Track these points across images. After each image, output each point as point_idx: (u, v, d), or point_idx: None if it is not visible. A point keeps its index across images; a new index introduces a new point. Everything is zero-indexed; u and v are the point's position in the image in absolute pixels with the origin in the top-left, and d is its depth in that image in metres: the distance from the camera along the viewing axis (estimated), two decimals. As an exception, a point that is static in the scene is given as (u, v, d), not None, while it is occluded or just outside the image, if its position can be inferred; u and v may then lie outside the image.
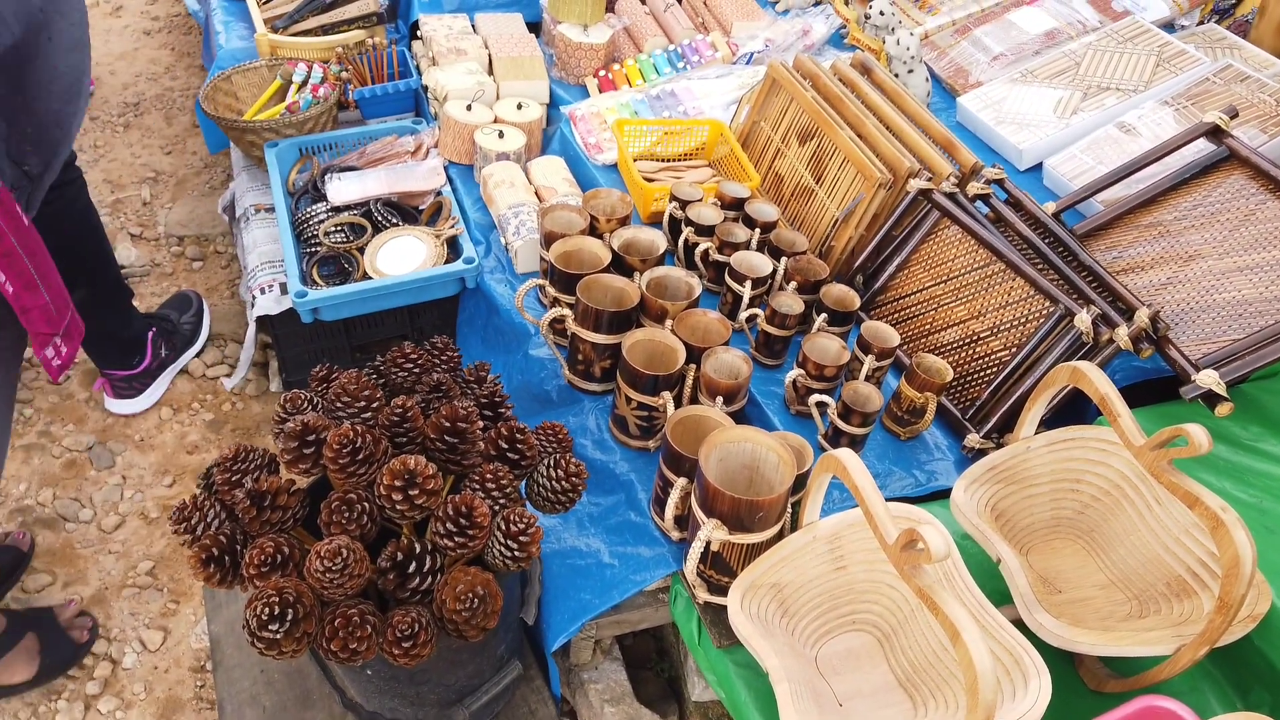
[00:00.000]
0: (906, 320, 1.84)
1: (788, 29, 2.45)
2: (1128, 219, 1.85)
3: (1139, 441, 1.24)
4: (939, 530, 1.04)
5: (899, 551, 1.10)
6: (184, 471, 2.09)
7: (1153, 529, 1.36)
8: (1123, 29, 2.24)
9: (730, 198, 1.96)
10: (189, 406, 2.22)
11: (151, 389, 2.20)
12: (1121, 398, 1.27)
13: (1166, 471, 1.21)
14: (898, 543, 1.10)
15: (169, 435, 2.16)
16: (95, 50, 3.43)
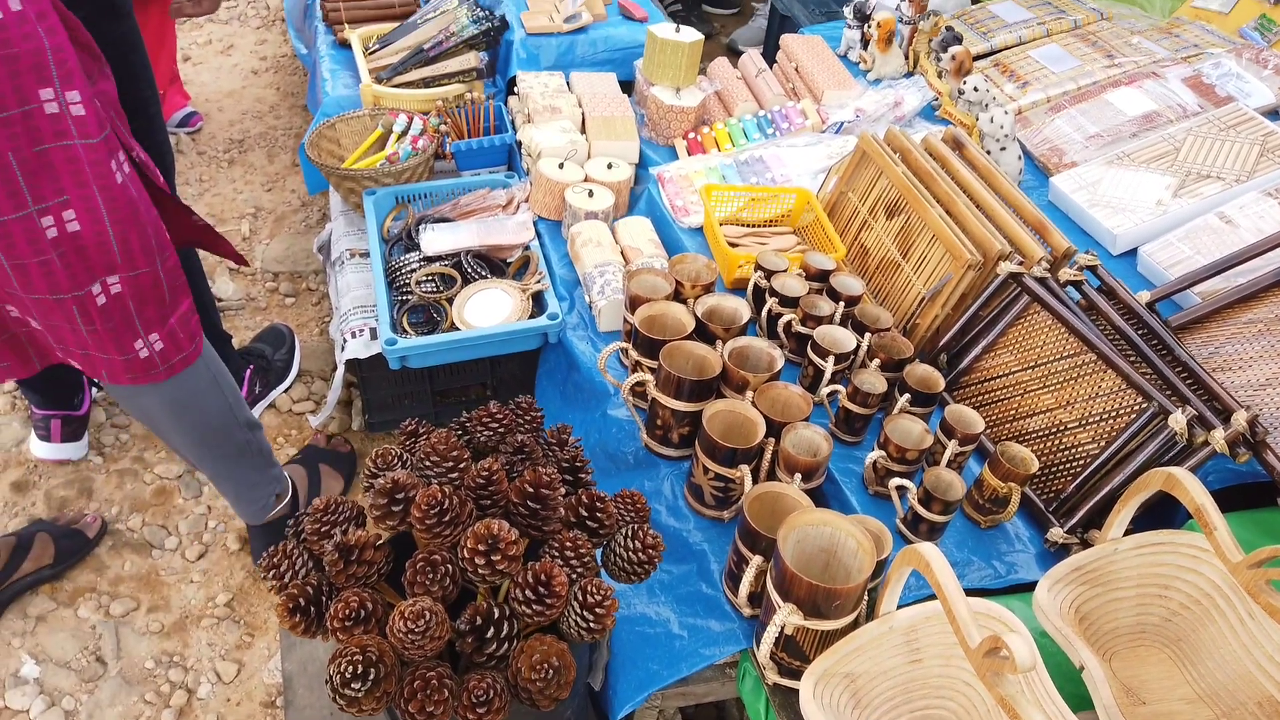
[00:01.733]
0: (991, 404, 1.82)
1: (879, 100, 2.46)
2: (1226, 313, 1.81)
3: (1236, 558, 1.20)
4: (1026, 641, 1.03)
5: (981, 657, 1.08)
6: (266, 505, 2.15)
7: (1245, 645, 1.31)
8: (1225, 115, 2.20)
9: (815, 269, 1.96)
10: (274, 441, 2.29)
11: (241, 423, 2.28)
12: (1218, 509, 1.24)
13: (1264, 591, 1.18)
14: (981, 648, 1.08)
15: (254, 468, 2.23)
16: (205, 86, 3.61)
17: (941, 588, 1.16)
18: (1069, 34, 2.68)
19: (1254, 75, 2.36)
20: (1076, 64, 2.54)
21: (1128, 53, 2.55)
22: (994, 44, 2.70)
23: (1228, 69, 2.40)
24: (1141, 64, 2.49)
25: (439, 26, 2.72)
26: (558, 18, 2.84)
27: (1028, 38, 2.69)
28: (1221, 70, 2.40)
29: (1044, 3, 2.84)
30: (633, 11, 2.94)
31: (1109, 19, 2.76)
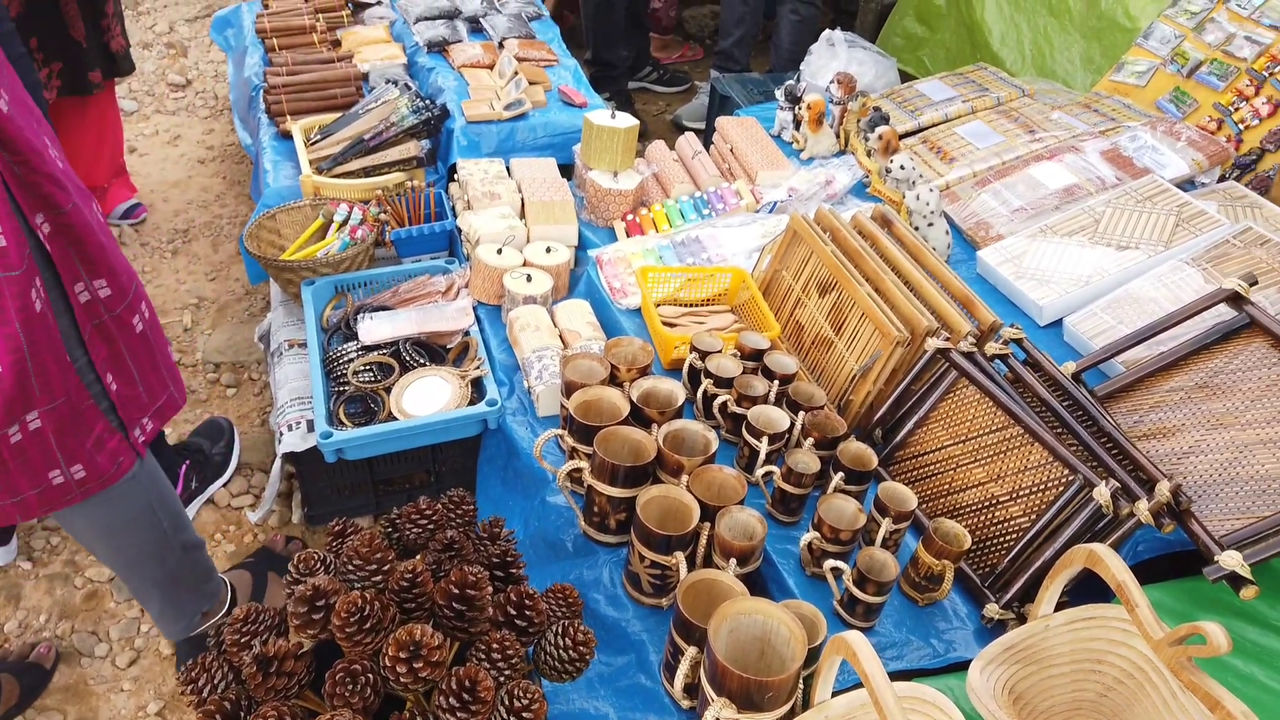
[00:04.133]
0: (925, 479, 1.83)
1: (811, 179, 2.52)
2: (1149, 382, 1.85)
3: (1157, 635, 1.21)
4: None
5: (907, 752, 1.07)
6: (201, 605, 2.10)
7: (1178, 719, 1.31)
8: (1142, 187, 2.28)
9: (750, 348, 1.99)
10: (211, 538, 2.24)
11: (177, 520, 2.23)
12: (1139, 586, 1.25)
13: (1186, 669, 1.18)
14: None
15: (189, 567, 2.18)
16: (150, 177, 3.61)
17: (868, 677, 1.15)
18: (992, 110, 2.78)
19: (1168, 147, 2.46)
20: (1000, 140, 2.63)
21: (1049, 127, 2.64)
22: (921, 122, 2.79)
23: (1144, 141, 2.50)
24: (1062, 138, 2.58)
25: (380, 116, 2.75)
26: (498, 105, 2.90)
27: (953, 115, 2.79)
28: (1138, 143, 2.49)
29: (968, 81, 2.95)
30: (573, 97, 3.00)
31: (1031, 95, 2.86)
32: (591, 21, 3.99)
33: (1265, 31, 2.64)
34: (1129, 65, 2.92)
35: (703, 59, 4.92)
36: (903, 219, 2.31)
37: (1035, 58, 3.34)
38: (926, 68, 3.85)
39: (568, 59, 3.32)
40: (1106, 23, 3.08)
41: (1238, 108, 2.63)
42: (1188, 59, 2.78)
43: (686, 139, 2.81)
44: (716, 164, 2.74)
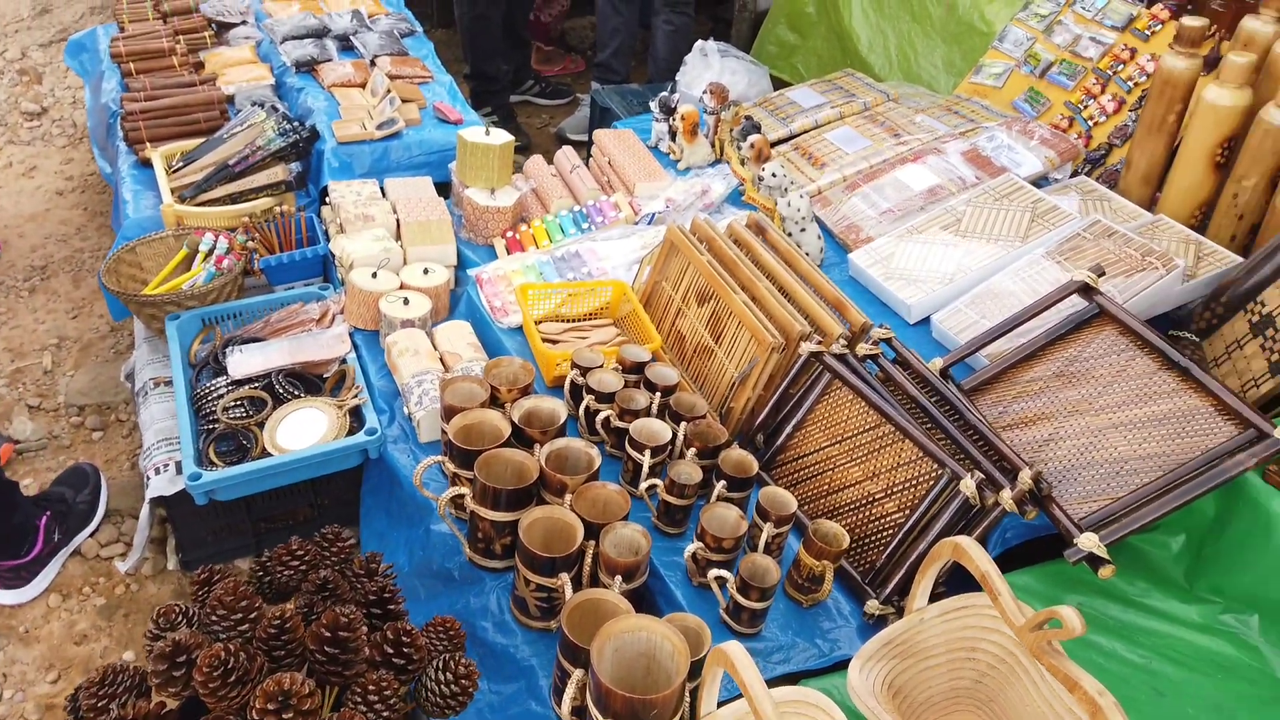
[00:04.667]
0: (806, 480, 1.87)
1: (688, 189, 2.55)
2: (1011, 374, 1.92)
3: (1019, 622, 1.26)
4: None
5: (783, 759, 1.08)
6: (70, 665, 1.99)
7: (1047, 699, 1.37)
8: (999, 186, 2.38)
9: (631, 362, 1.99)
10: (80, 591, 2.13)
11: (41, 576, 2.11)
12: (1001, 575, 1.29)
13: (1047, 653, 1.23)
14: (781, 750, 1.08)
15: (56, 625, 2.06)
16: (3, 213, 3.42)
17: (746, 687, 1.16)
18: (860, 116, 2.86)
19: (1023, 146, 2.57)
20: (868, 144, 2.70)
21: (913, 130, 2.73)
22: (793, 129, 2.85)
23: (1001, 141, 2.60)
24: (925, 141, 2.67)
25: (245, 140, 2.67)
26: (370, 125, 2.84)
27: (823, 121, 2.86)
28: (995, 143, 2.60)
29: (836, 87, 3.03)
30: (448, 114, 2.97)
31: (895, 100, 2.96)
32: (468, 36, 3.95)
33: (1107, 32, 2.79)
34: (986, 68, 3.04)
35: (584, 71, 4.92)
36: (776, 226, 2.35)
37: (901, 62, 3.45)
38: (801, 74, 3.94)
39: (442, 75, 3.28)
40: (964, 27, 3.20)
41: (1086, 105, 2.77)
42: (1039, 60, 2.92)
43: (564, 153, 2.80)
44: (596, 177, 2.74)
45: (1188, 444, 1.62)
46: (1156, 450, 1.65)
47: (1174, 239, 2.22)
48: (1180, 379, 1.71)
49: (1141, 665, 1.47)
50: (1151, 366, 1.76)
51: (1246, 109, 2.17)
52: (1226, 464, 1.52)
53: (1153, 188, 2.45)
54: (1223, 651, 1.49)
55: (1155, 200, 2.44)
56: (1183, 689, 1.43)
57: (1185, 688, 1.43)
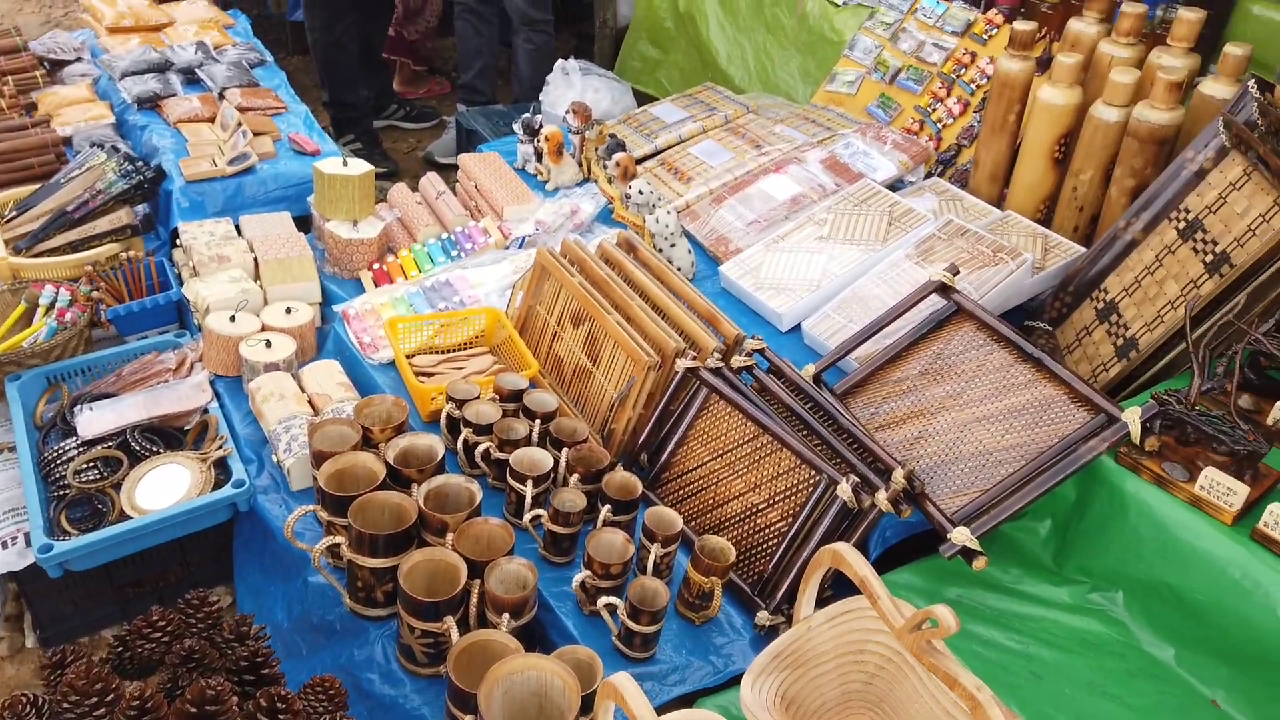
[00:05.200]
0: (691, 496, 1.87)
1: (557, 210, 2.53)
2: (880, 375, 1.98)
3: (899, 624, 1.28)
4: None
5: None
6: (-85, 766, 1.82)
7: (934, 696, 1.40)
8: (857, 191, 2.45)
9: (508, 390, 1.96)
10: (-77, 683, 1.95)
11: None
12: (879, 579, 1.32)
13: (927, 652, 1.26)
14: (675, 781, 1.07)
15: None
16: None
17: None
18: (722, 129, 2.90)
19: (878, 151, 2.65)
20: (731, 156, 2.74)
21: (774, 141, 2.79)
22: (658, 144, 2.87)
23: (857, 147, 2.68)
24: (786, 150, 2.73)
25: (85, 184, 2.52)
26: (221, 161, 2.72)
27: (687, 135, 2.89)
28: (852, 149, 2.68)
29: (698, 101, 3.07)
30: (304, 145, 2.87)
31: (755, 111, 3.01)
32: (323, 63, 3.84)
33: (948, 38, 2.92)
34: (840, 75, 3.13)
35: (450, 92, 4.86)
36: (647, 242, 2.36)
37: (759, 73, 3.53)
38: (665, 88, 3.97)
39: (297, 105, 3.17)
40: (816, 37, 3.30)
41: (935, 109, 2.89)
42: (888, 67, 3.02)
43: (429, 179, 2.75)
44: (463, 202, 2.70)
45: (1046, 432, 1.70)
46: (1018, 440, 1.72)
47: (1022, 233, 2.33)
48: (1035, 370, 1.78)
49: (1019, 651, 1.52)
50: (1008, 359, 1.83)
51: (1078, 106, 2.29)
52: (1081, 450, 1.59)
53: (1000, 185, 2.56)
54: (1092, 629, 1.56)
55: (1004, 196, 2.55)
56: (1058, 670, 1.49)
57: (1060, 669, 1.49)
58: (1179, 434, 1.59)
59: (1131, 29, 2.28)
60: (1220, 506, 1.48)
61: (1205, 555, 1.46)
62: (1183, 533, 1.50)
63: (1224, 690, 1.44)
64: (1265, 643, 1.40)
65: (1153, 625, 1.54)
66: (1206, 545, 1.47)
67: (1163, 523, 1.52)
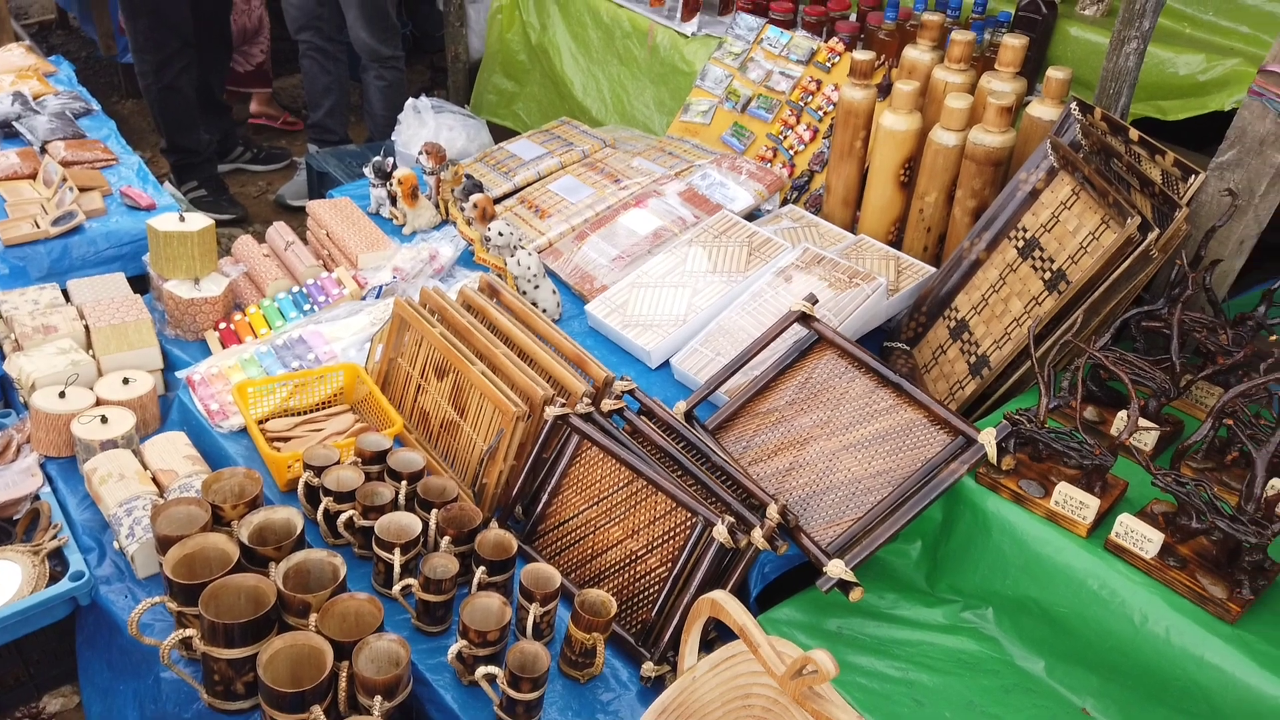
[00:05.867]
0: (569, 548, 1.83)
1: (415, 256, 2.45)
2: (749, 407, 1.98)
3: (780, 671, 1.27)
4: None
5: None
6: None
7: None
8: (716, 223, 2.47)
9: (370, 452, 1.87)
10: None
11: None
12: (759, 626, 1.30)
13: (809, 698, 1.25)
14: None
15: None
16: None
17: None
18: (580, 164, 2.89)
19: (734, 181, 2.69)
20: (591, 192, 2.73)
21: (632, 175, 2.78)
22: (516, 182, 2.83)
23: (714, 178, 2.71)
24: (645, 184, 2.73)
25: (-118, 255, 2.29)
26: (44, 221, 2.52)
27: (545, 172, 2.86)
28: (709, 180, 2.70)
29: (555, 137, 3.04)
30: (137, 200, 2.70)
31: (613, 145, 3.01)
32: (158, 109, 3.63)
33: (794, 66, 2.99)
34: (694, 106, 3.17)
35: (302, 130, 4.68)
36: (510, 285, 2.31)
37: (616, 105, 3.53)
38: (523, 121, 3.94)
39: (129, 155, 2.99)
40: (668, 68, 3.32)
41: (786, 136, 2.94)
42: (739, 96, 3.07)
43: (277, 229, 2.62)
44: (315, 252, 2.59)
45: (910, 457, 1.73)
46: (885, 466, 1.75)
47: (875, 257, 2.39)
48: (896, 394, 1.82)
49: (900, 678, 1.54)
50: (870, 385, 1.87)
51: (919, 131, 2.38)
52: (944, 473, 1.63)
53: (852, 209, 2.63)
54: (967, 649, 1.59)
55: (857, 219, 2.62)
56: (938, 694, 1.51)
57: (940, 692, 1.51)
58: (1032, 451, 1.65)
59: (962, 55, 2.38)
60: (1075, 520, 1.54)
61: (1065, 568, 1.52)
62: (1043, 548, 1.55)
63: (1093, 698, 1.49)
64: (1125, 649, 1.45)
65: (1023, 639, 1.58)
66: (1065, 559, 1.52)
67: (1023, 539, 1.57)
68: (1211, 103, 2.43)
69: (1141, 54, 2.04)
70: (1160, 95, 2.59)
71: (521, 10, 3.83)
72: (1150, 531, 1.45)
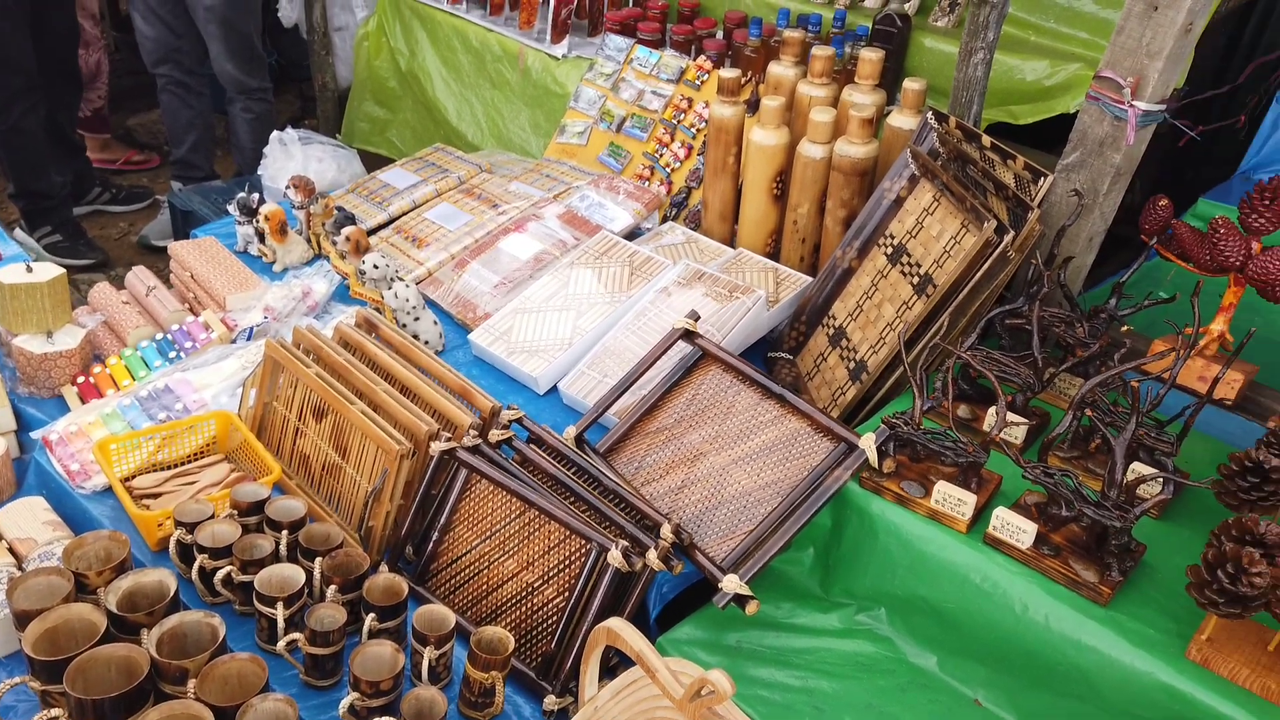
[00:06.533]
0: (464, 585, 1.78)
1: (286, 294, 2.37)
2: (639, 427, 1.98)
3: (678, 694, 1.26)
4: None
5: None
6: None
7: (725, 752, 1.39)
8: (596, 244, 2.47)
9: (246, 503, 1.79)
10: None
11: None
12: (655, 651, 1.29)
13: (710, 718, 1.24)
14: None
15: None
16: None
17: None
18: (457, 190, 2.85)
19: (612, 201, 2.69)
20: (470, 218, 2.69)
21: (510, 199, 2.76)
22: (391, 212, 2.77)
23: (592, 199, 2.71)
24: (523, 208, 2.71)
25: None
26: (-128, 278, 2.33)
27: (420, 200, 2.80)
28: (587, 201, 2.70)
29: (429, 164, 2.99)
30: (-21, 250, 2.53)
31: (489, 170, 2.98)
32: (4, 152, 3.42)
33: (665, 85, 3.02)
34: (569, 127, 3.17)
35: (161, 165, 4.48)
36: (388, 319, 2.25)
37: (491, 129, 3.50)
38: (398, 148, 3.87)
39: (-33, 203, 2.79)
40: (541, 90, 3.32)
41: (662, 154, 2.97)
42: (613, 116, 3.08)
43: (136, 274, 2.49)
44: (179, 295, 2.47)
45: (797, 466, 1.76)
46: (774, 477, 1.77)
47: (754, 269, 2.43)
48: (780, 405, 1.85)
49: (800, 687, 1.55)
50: (755, 398, 1.89)
51: (788, 145, 2.43)
52: (829, 480, 1.66)
53: (730, 223, 2.67)
54: (863, 651, 1.62)
55: (735, 233, 2.66)
56: (837, 699, 1.53)
57: (839, 697, 1.53)
58: (911, 453, 1.70)
59: (823, 70, 2.44)
60: (954, 517, 1.58)
61: (948, 565, 1.56)
62: (926, 546, 1.59)
63: (984, 689, 1.53)
64: (1010, 638, 1.50)
65: (915, 637, 1.62)
66: (948, 555, 1.56)
67: (908, 539, 1.61)
68: (1058, 106, 2.57)
69: (988, 64, 2.14)
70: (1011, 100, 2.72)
71: (389, 36, 3.76)
72: (1024, 523, 1.50)
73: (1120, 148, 1.85)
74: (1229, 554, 1.26)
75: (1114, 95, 1.82)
